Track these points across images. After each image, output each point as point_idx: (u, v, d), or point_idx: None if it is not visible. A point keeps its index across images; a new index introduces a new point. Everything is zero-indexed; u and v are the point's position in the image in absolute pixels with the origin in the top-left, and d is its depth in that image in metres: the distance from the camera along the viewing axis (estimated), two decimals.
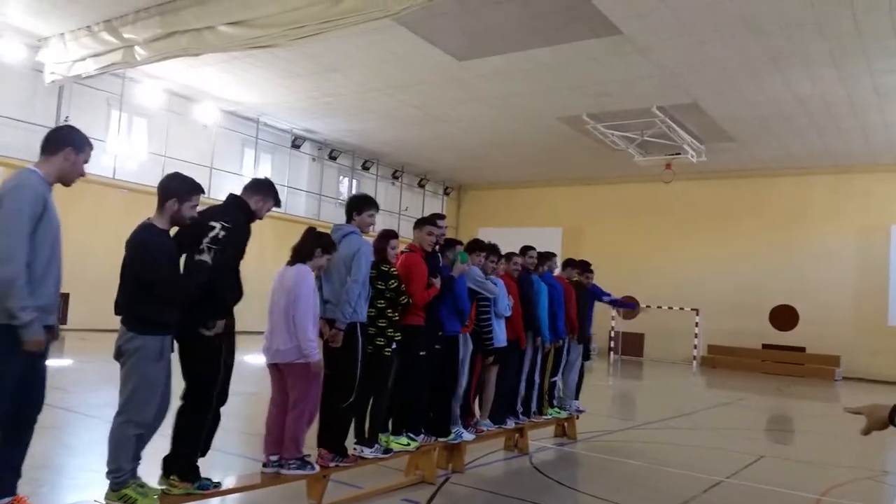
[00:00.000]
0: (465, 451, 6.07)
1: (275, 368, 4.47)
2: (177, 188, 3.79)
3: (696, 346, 23.18)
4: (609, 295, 8.97)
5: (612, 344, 24.67)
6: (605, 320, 24.73)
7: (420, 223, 5.62)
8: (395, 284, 4.93)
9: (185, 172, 4.03)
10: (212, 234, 3.73)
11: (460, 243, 6.20)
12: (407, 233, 6.33)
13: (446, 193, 29.94)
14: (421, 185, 28.12)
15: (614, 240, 25.81)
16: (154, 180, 4.45)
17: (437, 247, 5.70)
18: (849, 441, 9.85)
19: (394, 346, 4.84)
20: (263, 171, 21.61)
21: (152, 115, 18.81)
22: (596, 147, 20.96)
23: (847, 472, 7.47)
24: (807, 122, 17.65)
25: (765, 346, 22.80)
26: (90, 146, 3.65)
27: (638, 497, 5.58)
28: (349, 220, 5.04)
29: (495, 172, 26.80)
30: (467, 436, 5.90)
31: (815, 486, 6.27)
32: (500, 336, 6.41)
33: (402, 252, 5.49)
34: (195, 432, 3.90)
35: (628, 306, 8.84)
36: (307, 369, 4.34)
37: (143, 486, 3.67)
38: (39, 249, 3.31)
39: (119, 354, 3.66)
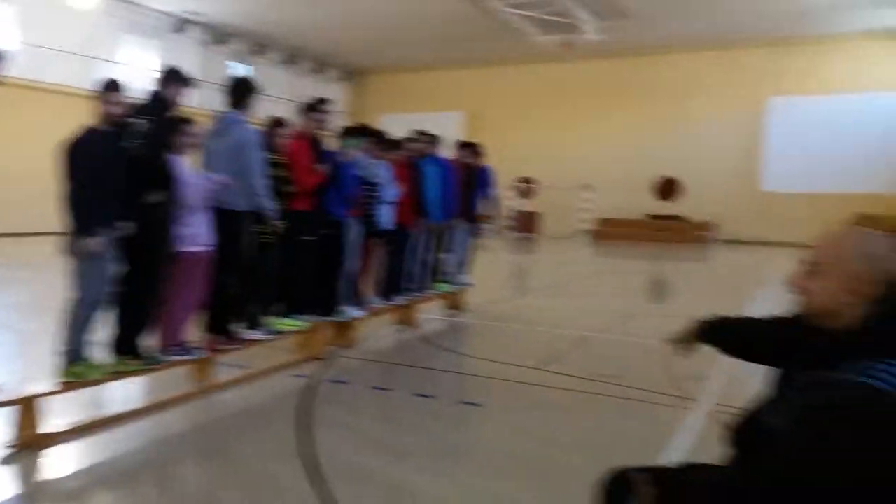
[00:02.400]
0: (355, 327, 6.46)
1: None
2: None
3: (587, 221, 24.43)
4: (493, 190, 9.01)
5: (511, 222, 25.61)
6: (504, 200, 25.48)
7: (304, 109, 5.67)
8: (281, 174, 5.05)
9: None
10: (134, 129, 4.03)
11: (351, 130, 6.30)
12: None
13: (346, 79, 29.13)
14: (319, 71, 27.20)
15: (515, 122, 26.19)
16: (29, 72, 4.42)
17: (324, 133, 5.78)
18: (714, 297, 10.97)
19: (276, 232, 5.02)
20: (146, 59, 20.32)
21: (22, 1, 17.06)
22: (496, 26, 20.75)
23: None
24: None
25: (650, 217, 24.35)
26: None
27: (514, 355, 6.16)
28: (235, 106, 4.98)
29: (396, 56, 26.17)
30: (356, 313, 6.26)
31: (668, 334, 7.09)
32: (387, 219, 6.68)
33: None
34: (140, 312, 4.23)
35: (489, 213, 8.88)
36: (196, 258, 4.48)
37: (93, 365, 4.05)
38: None
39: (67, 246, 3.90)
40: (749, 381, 2.12)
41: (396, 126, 8.28)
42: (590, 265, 16.63)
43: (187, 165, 4.49)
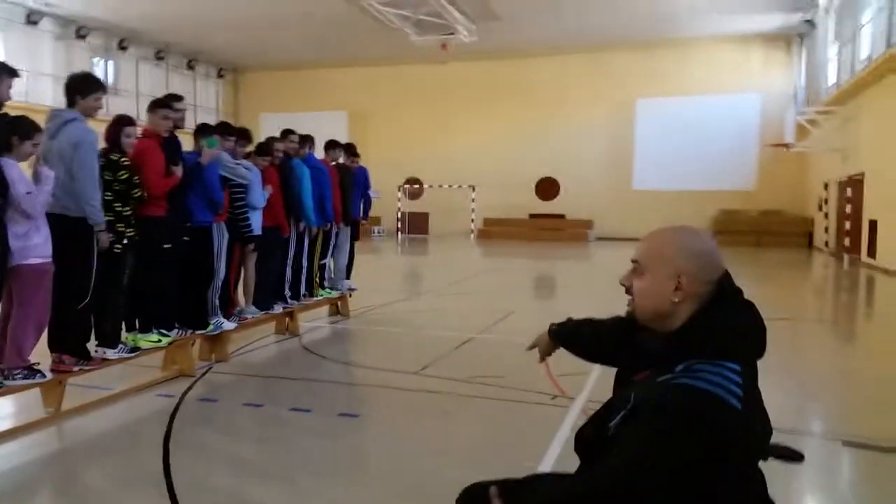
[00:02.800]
0: (228, 340, 6.11)
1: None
2: None
3: (472, 220, 24.81)
4: (372, 193, 8.94)
5: (399, 224, 25.57)
6: (393, 201, 25.44)
7: (153, 105, 5.21)
8: (126, 175, 4.64)
9: None
10: None
11: (213, 128, 5.95)
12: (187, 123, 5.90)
13: (220, 76, 27.98)
14: (190, 67, 25.96)
15: (398, 122, 26.17)
16: None
17: (176, 131, 5.40)
18: (591, 292, 11.35)
19: (125, 241, 4.63)
20: None
21: None
22: (374, 25, 20.60)
23: (583, 316, 8.68)
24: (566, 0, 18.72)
25: (531, 216, 25.08)
26: None
27: (397, 360, 6.06)
28: (71, 104, 4.55)
29: (274, 53, 25.42)
30: (228, 325, 5.92)
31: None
32: (256, 224, 6.37)
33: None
34: None
35: (364, 215, 8.87)
36: (35, 272, 4.06)
37: None
38: None
39: None
40: None
41: (276, 126, 7.95)
42: (476, 265, 16.83)
43: (20, 169, 4.04)
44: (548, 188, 25.15)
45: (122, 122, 4.81)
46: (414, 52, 23.11)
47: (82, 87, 4.50)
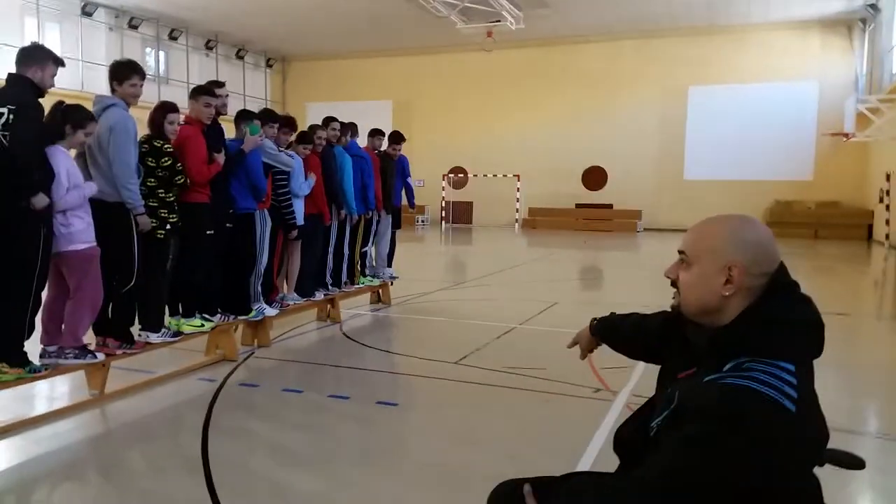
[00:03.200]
0: (270, 326, 6.16)
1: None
2: None
3: (517, 210, 24.59)
4: (415, 182, 8.91)
5: (444, 213, 25.52)
6: (437, 189, 25.42)
7: (195, 92, 5.24)
8: (169, 162, 4.68)
9: None
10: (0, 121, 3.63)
11: (255, 115, 5.96)
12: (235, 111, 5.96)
13: (269, 66, 28.30)
14: (239, 57, 26.31)
15: (442, 111, 26.06)
16: None
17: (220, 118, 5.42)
18: (637, 284, 11.13)
19: (168, 227, 4.67)
20: (51, 43, 19.10)
21: None
22: (420, 14, 20.53)
23: (627, 308, 8.49)
24: None
25: (578, 206, 24.71)
26: None
27: (437, 349, 6.01)
28: (112, 91, 4.60)
29: (320, 42, 25.57)
30: (270, 311, 5.96)
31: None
32: (299, 213, 6.38)
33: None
34: (18, 316, 3.85)
35: (409, 203, 8.84)
36: (80, 257, 4.13)
37: None
38: None
39: None
40: None
41: (322, 115, 7.95)
42: (520, 255, 16.68)
43: (70, 162, 4.11)
44: (595, 177, 24.73)
45: (165, 109, 4.85)
46: (459, 41, 22.94)
47: (119, 74, 4.55)
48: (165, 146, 4.73)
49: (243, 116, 5.84)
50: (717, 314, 1.41)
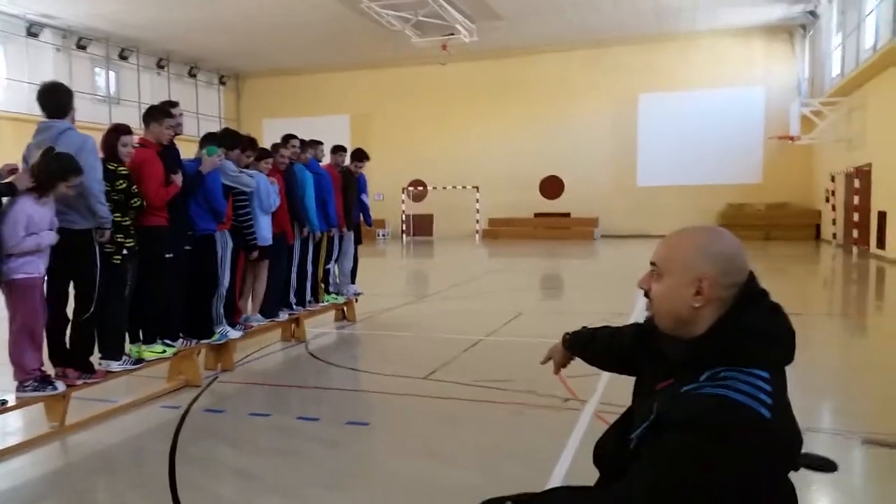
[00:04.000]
0: (234, 349, 6.06)
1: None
2: None
3: (478, 221, 24.73)
4: (365, 196, 8.73)
5: (404, 226, 25.51)
6: (397, 203, 25.40)
7: (156, 114, 5.14)
8: (124, 185, 4.58)
9: None
10: None
11: (218, 138, 5.88)
12: (189, 130, 5.85)
13: (222, 83, 27.98)
14: (192, 75, 25.96)
15: (399, 124, 26.12)
16: None
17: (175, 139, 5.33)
18: (599, 292, 11.27)
19: (124, 252, 4.57)
20: None
21: None
22: (374, 28, 20.57)
23: (591, 316, 8.61)
24: None
25: (536, 215, 24.99)
26: None
27: (404, 365, 5.98)
28: (56, 114, 4.44)
29: (275, 58, 25.40)
30: (234, 334, 5.86)
31: (556, 333, 7.17)
32: (265, 233, 6.31)
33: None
34: None
35: (366, 220, 8.77)
36: (18, 285, 4.01)
37: None
38: None
39: None
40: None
41: (279, 131, 7.92)
42: (482, 265, 16.75)
43: (33, 206, 4.00)
44: (552, 186, 25.06)
45: (118, 131, 4.75)
46: (414, 54, 23.06)
47: (61, 96, 4.42)
48: (120, 169, 4.63)
49: (206, 138, 5.76)
50: (689, 325, 1.43)
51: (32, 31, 19.64)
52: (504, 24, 21.00)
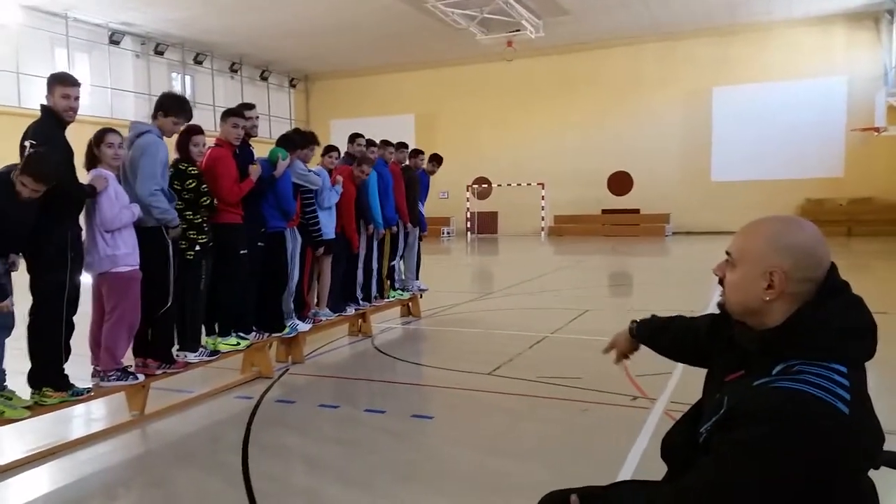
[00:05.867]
0: (303, 342, 6.21)
1: (94, 280, 4.33)
2: None
3: (543, 218, 24.52)
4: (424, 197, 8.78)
5: (469, 224, 25.54)
6: (461, 201, 25.47)
7: (225, 115, 5.34)
8: (194, 184, 4.74)
9: None
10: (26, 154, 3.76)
11: (289, 142, 6.03)
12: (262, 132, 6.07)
13: (292, 85, 28.69)
14: (263, 78, 26.73)
15: (464, 122, 26.16)
16: None
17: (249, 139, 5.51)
18: (670, 289, 11.00)
19: (198, 248, 4.74)
20: (80, 73, 19.60)
21: None
22: (438, 27, 20.67)
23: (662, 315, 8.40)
24: None
25: (604, 212, 24.56)
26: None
27: (469, 361, 5.99)
28: (155, 118, 4.68)
29: (341, 60, 25.88)
30: (303, 327, 6.01)
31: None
32: (328, 228, 6.44)
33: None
34: (53, 341, 3.96)
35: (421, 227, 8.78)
36: (121, 279, 4.22)
37: (10, 397, 3.78)
38: None
39: None
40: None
41: (346, 131, 8.09)
42: (547, 263, 16.60)
43: (110, 182, 4.20)
44: (621, 182, 24.58)
45: (190, 132, 4.92)
46: (479, 52, 23.05)
47: (166, 103, 4.63)
48: (190, 168, 4.79)
49: (278, 142, 5.94)
50: (759, 316, 1.39)
51: (114, 38, 20.62)
52: (570, 19, 20.73)
